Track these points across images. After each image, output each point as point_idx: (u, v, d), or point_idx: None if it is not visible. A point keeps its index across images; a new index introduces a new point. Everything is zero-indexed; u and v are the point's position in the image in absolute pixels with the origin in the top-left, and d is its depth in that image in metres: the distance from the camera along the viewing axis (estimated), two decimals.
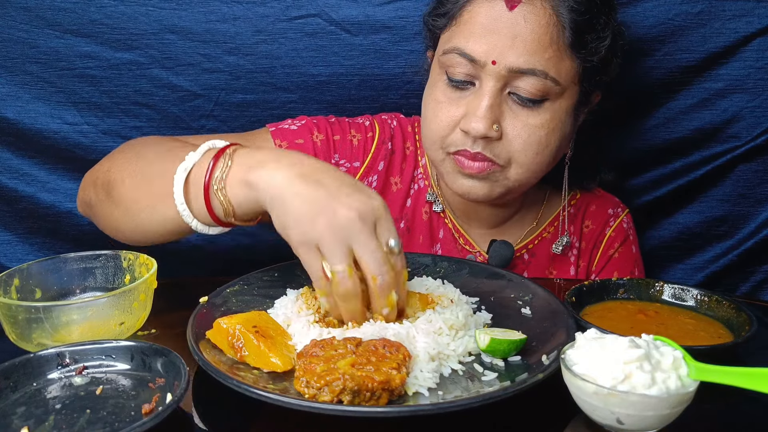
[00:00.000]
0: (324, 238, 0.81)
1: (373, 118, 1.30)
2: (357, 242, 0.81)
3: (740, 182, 1.41)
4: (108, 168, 1.06)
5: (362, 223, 0.81)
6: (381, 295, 0.83)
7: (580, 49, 1.05)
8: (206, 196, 0.90)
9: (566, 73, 1.06)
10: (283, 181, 0.84)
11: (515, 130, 1.07)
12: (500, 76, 1.04)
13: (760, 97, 1.34)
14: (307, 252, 0.83)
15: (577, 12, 1.03)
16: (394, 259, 0.84)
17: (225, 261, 1.48)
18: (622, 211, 1.33)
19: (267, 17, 1.36)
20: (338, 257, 0.81)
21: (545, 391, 0.75)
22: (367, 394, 0.70)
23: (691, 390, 0.67)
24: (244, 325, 0.81)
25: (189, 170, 0.91)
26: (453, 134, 1.09)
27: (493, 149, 1.08)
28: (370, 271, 0.82)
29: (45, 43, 1.34)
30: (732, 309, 0.93)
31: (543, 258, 1.29)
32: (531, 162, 1.09)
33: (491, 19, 1.03)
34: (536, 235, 1.29)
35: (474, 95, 1.07)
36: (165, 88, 1.39)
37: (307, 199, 0.82)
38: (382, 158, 1.26)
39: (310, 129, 1.23)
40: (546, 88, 1.04)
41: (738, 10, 1.30)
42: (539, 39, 1.02)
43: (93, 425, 0.70)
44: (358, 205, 0.81)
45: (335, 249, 0.81)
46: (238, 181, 0.88)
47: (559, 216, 1.29)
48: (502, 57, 1.03)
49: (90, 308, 0.86)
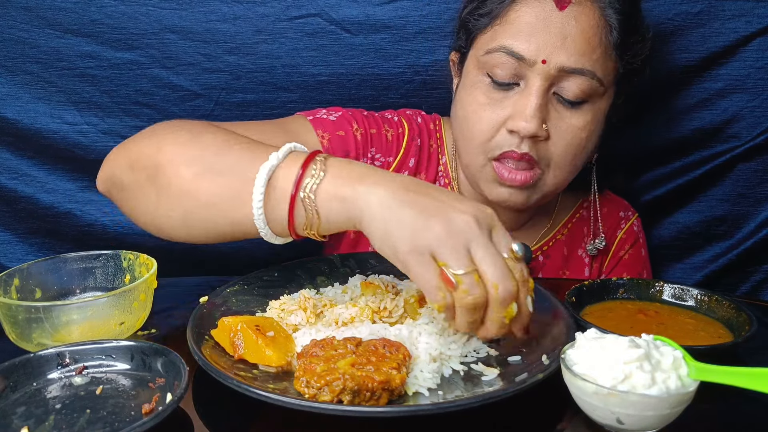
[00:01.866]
0: (442, 242, 0.73)
1: (399, 114, 1.27)
2: (477, 246, 0.74)
3: (740, 182, 1.41)
4: (154, 148, 0.91)
5: (480, 228, 0.75)
6: (501, 306, 0.75)
7: (626, 50, 1.06)
8: (291, 205, 0.81)
9: (610, 74, 1.06)
10: (387, 194, 0.77)
11: (559, 131, 1.06)
12: (549, 76, 1.03)
13: (760, 97, 1.34)
14: (420, 261, 0.74)
15: (623, 14, 1.04)
16: (519, 265, 0.77)
17: (225, 261, 1.48)
18: (633, 215, 1.34)
19: (267, 17, 1.35)
20: (460, 261, 0.73)
21: (545, 391, 0.75)
22: (367, 394, 0.70)
23: (691, 390, 0.67)
24: (246, 323, 0.81)
25: (272, 171, 0.82)
26: (498, 136, 1.08)
27: (539, 150, 1.07)
28: (490, 279, 0.74)
29: (45, 43, 1.34)
30: (732, 309, 0.93)
31: (557, 259, 1.29)
32: (569, 164, 1.09)
33: (540, 19, 1.03)
34: (550, 237, 1.29)
35: (519, 95, 1.06)
36: (165, 87, 1.38)
37: (417, 207, 0.75)
38: (413, 154, 1.24)
39: (349, 121, 1.20)
40: (592, 88, 1.04)
41: (738, 10, 1.30)
42: (589, 39, 1.02)
43: (93, 425, 0.70)
44: (473, 211, 0.76)
45: (455, 252, 0.73)
46: (332, 194, 0.80)
47: (572, 217, 1.30)
48: (552, 56, 1.02)
49: (90, 308, 0.86)
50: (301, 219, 0.82)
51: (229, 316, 0.84)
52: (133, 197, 0.94)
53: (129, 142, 0.98)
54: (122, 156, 0.96)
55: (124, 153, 0.96)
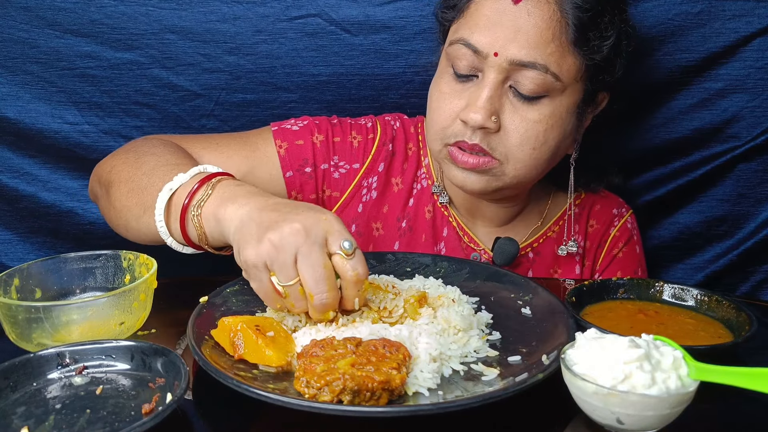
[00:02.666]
0: (272, 256, 0.81)
1: (375, 119, 1.30)
2: (300, 255, 0.81)
3: (740, 182, 1.41)
4: (110, 168, 1.10)
5: (306, 236, 0.80)
6: (317, 311, 0.83)
7: (583, 46, 1.06)
8: (182, 220, 0.93)
9: (568, 70, 1.06)
10: (245, 214, 0.86)
11: (513, 123, 1.07)
12: (501, 69, 1.04)
13: (760, 97, 1.34)
14: (257, 272, 0.83)
15: (582, 9, 1.04)
16: (351, 263, 0.82)
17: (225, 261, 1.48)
18: (627, 212, 1.33)
19: (267, 17, 1.36)
20: (286, 273, 0.81)
21: (545, 391, 0.75)
22: (367, 394, 0.70)
23: (691, 390, 0.67)
24: (246, 323, 0.81)
25: (174, 191, 0.95)
26: (453, 125, 1.10)
27: (491, 142, 1.08)
28: (307, 288, 0.82)
29: (45, 43, 1.34)
30: (732, 309, 0.93)
31: (548, 257, 1.29)
32: (527, 157, 1.09)
33: (496, 12, 1.05)
34: (541, 234, 1.29)
35: (476, 87, 1.08)
36: (165, 87, 1.39)
37: (260, 222, 0.83)
38: (382, 159, 1.26)
39: (311, 130, 1.24)
40: (546, 83, 1.05)
41: (738, 10, 1.30)
42: (541, 33, 1.03)
43: (93, 425, 0.70)
44: (304, 219, 0.82)
45: (283, 265, 0.81)
46: (210, 213, 0.90)
47: (564, 215, 1.30)
48: (504, 49, 1.03)
49: (90, 308, 0.86)
50: (192, 232, 0.94)
51: (229, 316, 0.84)
52: (102, 207, 1.14)
53: (104, 159, 1.16)
54: (96, 171, 1.16)
55: (98, 169, 1.16)
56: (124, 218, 1.04)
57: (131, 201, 1.02)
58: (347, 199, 1.25)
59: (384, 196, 1.27)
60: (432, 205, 1.27)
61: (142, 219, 1.00)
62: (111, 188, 1.07)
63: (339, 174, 1.25)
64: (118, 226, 1.08)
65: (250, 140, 1.22)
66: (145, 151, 1.10)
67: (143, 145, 1.13)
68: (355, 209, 1.26)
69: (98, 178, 1.13)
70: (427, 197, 1.27)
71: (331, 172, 1.24)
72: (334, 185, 1.25)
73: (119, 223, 1.07)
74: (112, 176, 1.08)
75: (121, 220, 1.05)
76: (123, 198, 1.04)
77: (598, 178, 1.30)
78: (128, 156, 1.10)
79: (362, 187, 1.25)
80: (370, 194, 1.26)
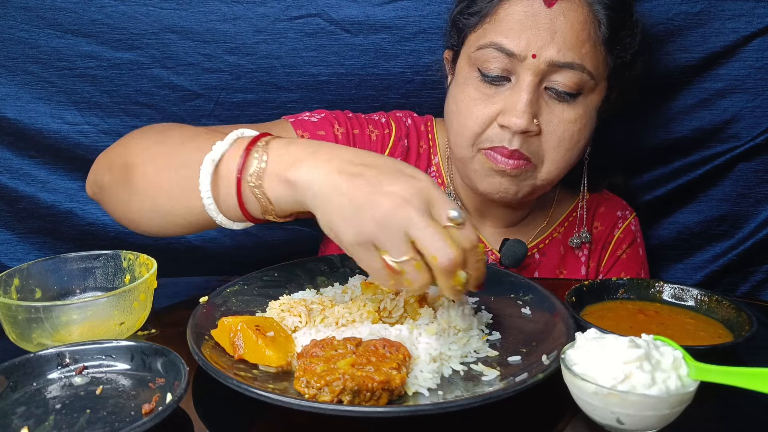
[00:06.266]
0: (378, 234, 0.74)
1: (387, 116, 1.29)
2: (411, 228, 0.73)
3: (740, 182, 1.41)
4: (126, 150, 1.00)
5: (411, 208, 0.73)
6: (445, 275, 0.75)
7: (615, 44, 1.08)
8: (239, 192, 0.84)
9: (600, 68, 1.08)
10: (324, 179, 0.78)
11: (551, 125, 1.08)
12: (539, 71, 1.05)
13: (760, 97, 1.34)
14: (365, 252, 0.76)
15: (612, 9, 1.06)
16: (460, 233, 0.75)
17: (225, 261, 1.48)
18: (630, 214, 1.34)
19: (267, 17, 1.35)
20: (399, 249, 0.74)
21: (545, 391, 0.75)
22: (367, 394, 0.70)
23: (691, 390, 0.67)
24: (246, 323, 0.81)
25: (217, 162, 0.85)
26: (489, 130, 1.09)
27: (530, 146, 1.08)
28: (429, 253, 0.73)
29: (45, 43, 1.34)
30: (732, 309, 0.93)
31: (554, 257, 1.29)
32: (561, 159, 1.10)
33: (529, 16, 1.05)
34: (547, 235, 1.29)
35: (511, 90, 1.08)
36: (165, 87, 1.39)
37: (351, 197, 0.76)
38: (399, 155, 1.25)
39: (330, 122, 1.22)
40: (582, 81, 1.06)
41: (738, 10, 1.30)
42: (578, 34, 1.04)
43: (93, 425, 0.70)
44: (402, 191, 0.74)
45: (393, 242, 0.74)
46: (277, 178, 0.82)
47: (569, 216, 1.30)
48: (542, 51, 1.04)
49: (90, 308, 0.86)
50: (253, 205, 0.85)
51: (229, 316, 0.84)
52: (111, 195, 1.00)
53: (109, 148, 1.05)
54: (102, 160, 1.04)
55: (104, 157, 1.04)
56: (153, 203, 0.93)
57: (162, 181, 0.91)
58: None
59: None
60: None
61: (179, 199, 0.90)
62: (132, 172, 0.95)
63: None
64: (140, 217, 0.96)
65: (268, 129, 1.12)
66: (165, 130, 1.01)
67: (157, 128, 1.04)
68: None
69: (108, 165, 1.01)
70: None
71: None
72: None
73: (143, 210, 0.95)
74: (130, 158, 0.96)
75: (148, 206, 0.93)
76: (151, 179, 0.92)
77: (600, 177, 1.30)
78: (146, 137, 1.00)
79: None
80: None
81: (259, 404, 0.71)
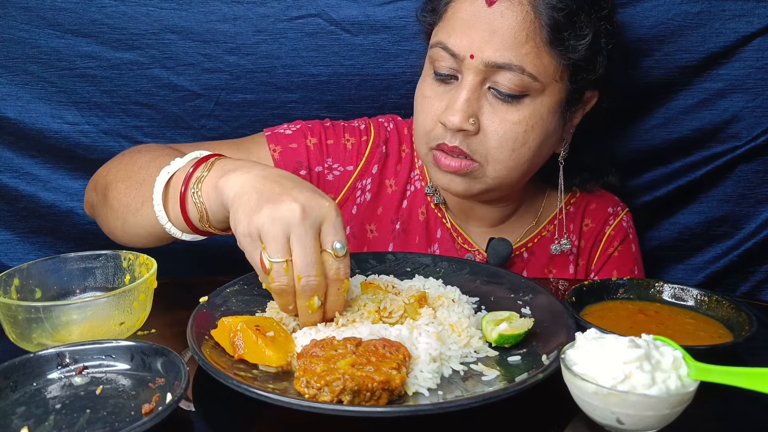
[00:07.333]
0: (264, 226, 0.80)
1: (369, 121, 1.30)
2: (294, 236, 0.80)
3: (740, 182, 1.41)
4: (106, 172, 1.11)
5: (303, 217, 0.80)
6: (302, 296, 0.82)
7: (558, 46, 1.05)
8: (182, 200, 0.93)
9: (545, 69, 1.06)
10: (245, 182, 0.85)
11: (492, 125, 1.08)
12: (478, 71, 1.05)
13: (760, 97, 1.34)
14: (250, 243, 0.82)
15: (556, 9, 1.04)
16: (337, 263, 0.82)
17: (225, 261, 1.48)
18: (622, 210, 1.33)
19: (267, 17, 1.36)
20: (275, 248, 0.80)
21: (545, 391, 0.75)
22: (367, 394, 0.70)
23: (691, 390, 0.67)
24: (246, 323, 0.81)
25: (171, 175, 0.95)
26: (436, 128, 1.11)
27: (470, 144, 1.09)
28: (296, 269, 0.80)
29: (46, 43, 1.34)
30: (732, 309, 0.93)
31: (542, 257, 1.29)
32: (507, 159, 1.10)
33: (471, 15, 1.06)
34: (535, 234, 1.29)
35: (455, 89, 1.09)
36: (165, 87, 1.39)
37: (261, 192, 0.83)
38: (376, 161, 1.26)
39: (304, 133, 1.24)
40: (524, 83, 1.05)
41: (738, 10, 1.30)
42: (515, 35, 1.03)
43: (93, 425, 0.70)
44: (305, 200, 0.81)
45: (273, 239, 0.80)
46: (212, 185, 0.90)
47: (559, 215, 1.29)
48: (479, 51, 1.04)
49: (90, 308, 0.86)
50: (192, 211, 0.94)
51: (229, 316, 0.84)
52: (100, 215, 1.12)
53: (99, 170, 1.16)
54: (92, 181, 1.17)
55: (93, 178, 1.16)
56: (122, 217, 1.03)
57: (129, 197, 1.02)
58: (341, 201, 1.25)
59: (378, 198, 1.27)
60: (425, 206, 1.27)
61: (140, 211, 0.99)
62: (108, 190, 1.06)
63: (333, 176, 1.25)
64: (116, 227, 1.06)
65: (244, 145, 1.23)
66: (138, 151, 1.11)
67: (136, 149, 1.14)
68: (349, 211, 1.26)
69: (94, 186, 1.14)
70: (420, 199, 1.27)
71: (325, 175, 1.24)
72: (329, 188, 1.25)
73: (116, 224, 1.05)
74: (108, 179, 1.08)
75: (119, 220, 1.04)
76: (121, 196, 1.03)
77: (593, 177, 1.30)
78: (122, 159, 1.11)
79: (356, 189, 1.25)
80: (364, 196, 1.26)
81: (259, 404, 0.71)
